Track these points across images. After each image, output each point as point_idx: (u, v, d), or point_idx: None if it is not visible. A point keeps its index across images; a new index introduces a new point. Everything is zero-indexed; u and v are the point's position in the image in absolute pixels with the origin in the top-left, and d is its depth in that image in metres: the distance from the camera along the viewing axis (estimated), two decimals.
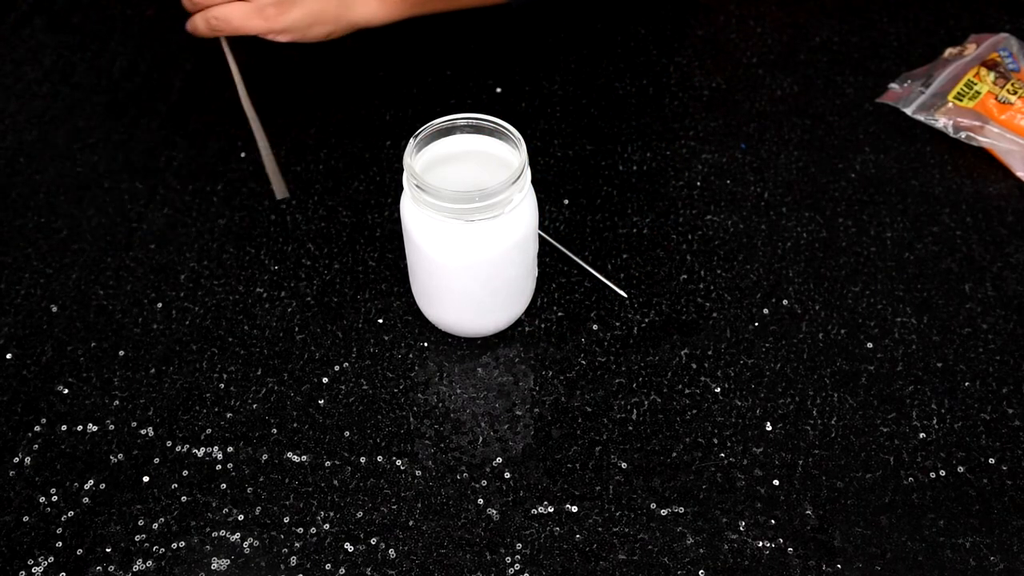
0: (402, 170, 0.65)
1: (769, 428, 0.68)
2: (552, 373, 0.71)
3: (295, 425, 0.68)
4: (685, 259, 0.78)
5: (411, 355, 0.72)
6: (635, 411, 0.69)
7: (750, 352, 0.72)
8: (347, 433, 0.68)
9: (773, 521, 0.63)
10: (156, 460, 0.67)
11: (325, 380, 0.71)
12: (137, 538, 0.63)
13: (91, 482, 0.65)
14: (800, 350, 0.72)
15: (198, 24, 0.77)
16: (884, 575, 0.61)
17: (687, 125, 0.88)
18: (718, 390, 0.70)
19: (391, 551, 0.62)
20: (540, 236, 0.76)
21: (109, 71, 0.93)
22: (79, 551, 0.62)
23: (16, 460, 0.67)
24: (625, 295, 0.75)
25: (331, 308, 0.75)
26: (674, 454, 0.67)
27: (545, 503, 0.64)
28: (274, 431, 0.68)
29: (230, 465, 0.66)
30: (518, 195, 0.64)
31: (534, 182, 0.67)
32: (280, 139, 0.87)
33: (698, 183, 0.83)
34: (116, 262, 0.78)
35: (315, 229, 0.80)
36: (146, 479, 0.66)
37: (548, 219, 0.80)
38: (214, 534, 0.63)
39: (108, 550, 0.62)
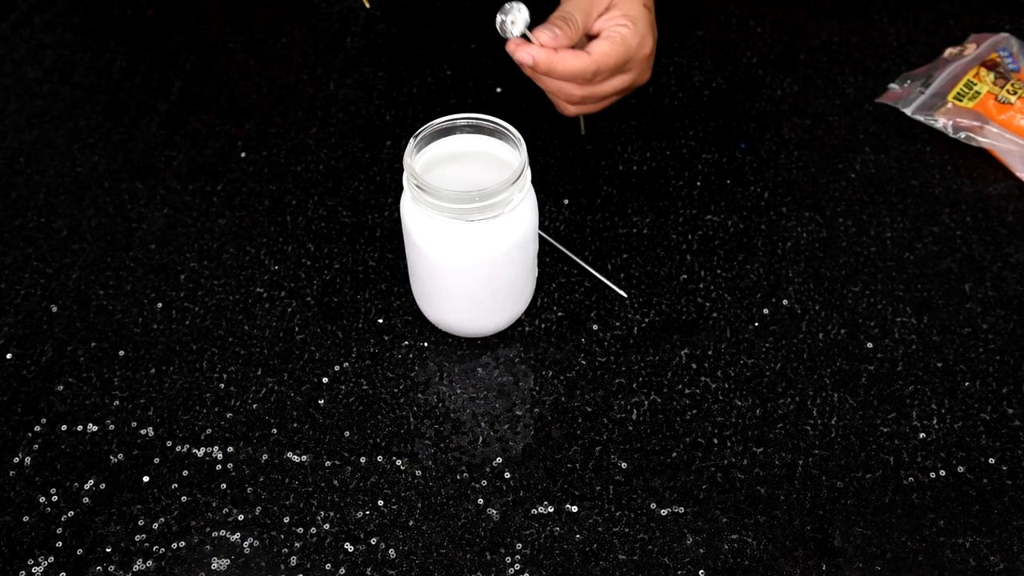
0: (402, 170, 0.65)
1: (769, 428, 0.68)
2: (552, 373, 0.71)
3: (295, 425, 0.68)
4: (685, 259, 0.78)
5: (411, 355, 0.72)
6: (635, 411, 0.69)
7: (750, 352, 0.72)
8: (347, 433, 0.68)
9: (773, 521, 0.63)
10: (156, 460, 0.67)
11: (325, 380, 0.71)
12: (137, 538, 0.63)
13: (91, 482, 0.65)
14: (800, 350, 0.72)
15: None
16: (884, 575, 0.61)
17: (687, 125, 0.88)
18: (718, 390, 0.70)
19: (391, 551, 0.62)
20: (540, 236, 0.76)
21: (109, 71, 0.93)
22: (79, 551, 0.62)
23: (16, 460, 0.67)
24: (625, 295, 0.75)
25: (331, 308, 0.75)
26: (674, 454, 0.67)
27: (545, 503, 0.64)
28: (274, 431, 0.68)
29: (230, 465, 0.66)
30: (518, 195, 0.64)
31: (534, 182, 0.67)
32: (280, 139, 0.87)
33: (698, 183, 0.83)
34: (116, 262, 0.78)
35: (315, 229, 0.80)
36: (146, 479, 0.66)
37: (548, 219, 0.80)
38: (214, 534, 0.63)
39: (108, 550, 0.63)
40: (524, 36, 0.73)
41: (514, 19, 0.72)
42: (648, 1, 0.77)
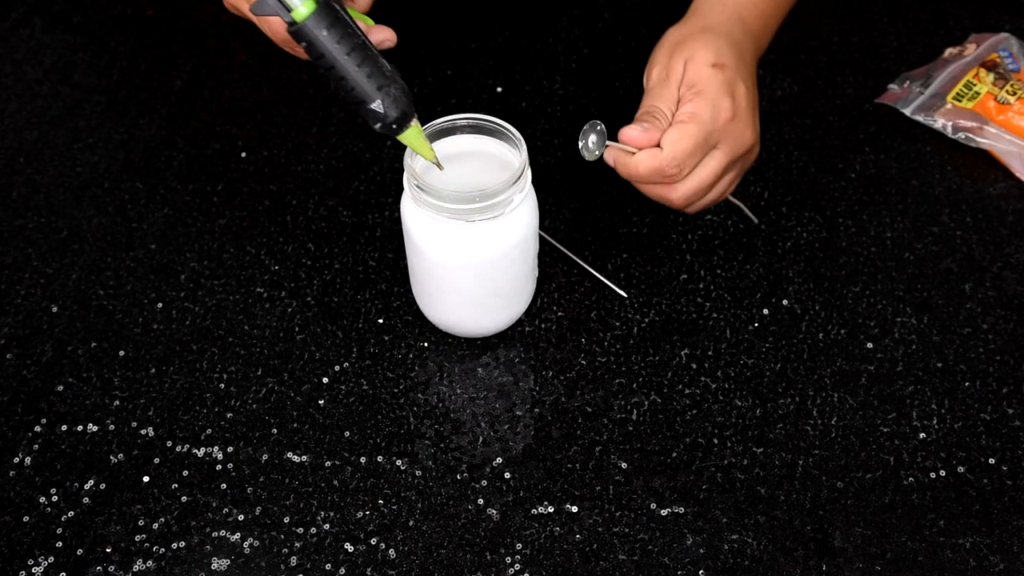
0: (402, 170, 0.65)
1: (769, 428, 0.68)
2: (552, 373, 0.71)
3: (295, 425, 0.68)
4: (685, 259, 0.78)
5: (411, 355, 0.72)
6: (635, 411, 0.69)
7: (750, 352, 0.72)
8: (347, 433, 0.68)
9: (773, 521, 0.63)
10: (156, 460, 0.67)
11: (325, 380, 0.71)
12: (137, 538, 0.63)
13: (91, 482, 0.65)
14: (800, 350, 0.72)
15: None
16: (884, 575, 0.61)
17: None
18: (718, 390, 0.70)
19: (391, 551, 0.62)
20: (540, 236, 0.76)
21: (109, 71, 0.93)
22: (79, 551, 0.62)
23: (16, 460, 0.67)
24: (625, 295, 0.75)
25: (331, 308, 0.75)
26: (674, 454, 0.67)
27: (545, 503, 0.64)
28: (274, 431, 0.68)
29: (230, 465, 0.66)
30: (518, 195, 0.64)
31: (534, 182, 0.67)
32: (280, 139, 0.87)
33: None
34: (116, 262, 0.78)
35: (315, 229, 0.80)
36: (146, 479, 0.66)
37: (548, 219, 0.80)
38: (214, 534, 0.63)
39: (108, 550, 0.63)
40: (602, 153, 0.68)
41: (588, 140, 0.67)
42: (721, 59, 0.67)
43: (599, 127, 0.67)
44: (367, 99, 0.58)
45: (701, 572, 0.61)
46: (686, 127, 0.65)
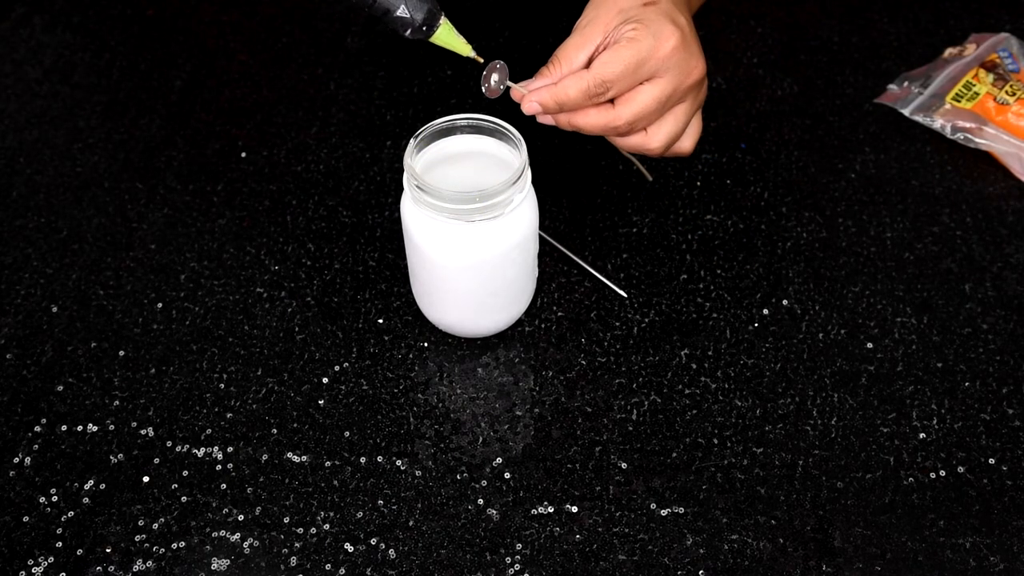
0: (402, 170, 0.65)
1: (769, 428, 0.68)
2: (552, 373, 0.71)
3: (295, 425, 0.68)
4: (685, 259, 0.78)
5: (411, 355, 0.72)
6: (635, 411, 0.69)
7: (750, 352, 0.72)
8: (347, 433, 0.68)
9: (773, 521, 0.63)
10: (156, 460, 0.67)
11: (325, 380, 0.71)
12: (137, 538, 0.63)
13: (91, 482, 0.65)
14: (800, 350, 0.72)
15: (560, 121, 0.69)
16: (884, 575, 0.61)
17: None
18: (718, 390, 0.70)
19: (391, 551, 0.62)
20: (540, 236, 0.76)
21: (109, 71, 0.93)
22: (79, 551, 0.62)
23: (16, 460, 0.67)
24: (625, 295, 0.75)
25: (331, 308, 0.75)
26: (674, 454, 0.67)
27: (545, 503, 0.65)
28: (274, 431, 0.68)
29: (230, 465, 0.66)
30: (518, 196, 0.64)
31: (534, 182, 0.67)
32: (280, 139, 0.87)
33: (698, 183, 0.83)
34: (116, 262, 0.78)
35: (315, 229, 0.80)
36: (146, 479, 0.66)
37: (548, 219, 0.80)
38: (214, 534, 0.63)
39: (108, 550, 0.63)
40: (507, 88, 0.68)
41: (489, 76, 0.67)
42: None
43: (497, 65, 0.67)
44: (391, 8, 0.58)
45: (701, 572, 0.62)
46: (619, 51, 0.65)
